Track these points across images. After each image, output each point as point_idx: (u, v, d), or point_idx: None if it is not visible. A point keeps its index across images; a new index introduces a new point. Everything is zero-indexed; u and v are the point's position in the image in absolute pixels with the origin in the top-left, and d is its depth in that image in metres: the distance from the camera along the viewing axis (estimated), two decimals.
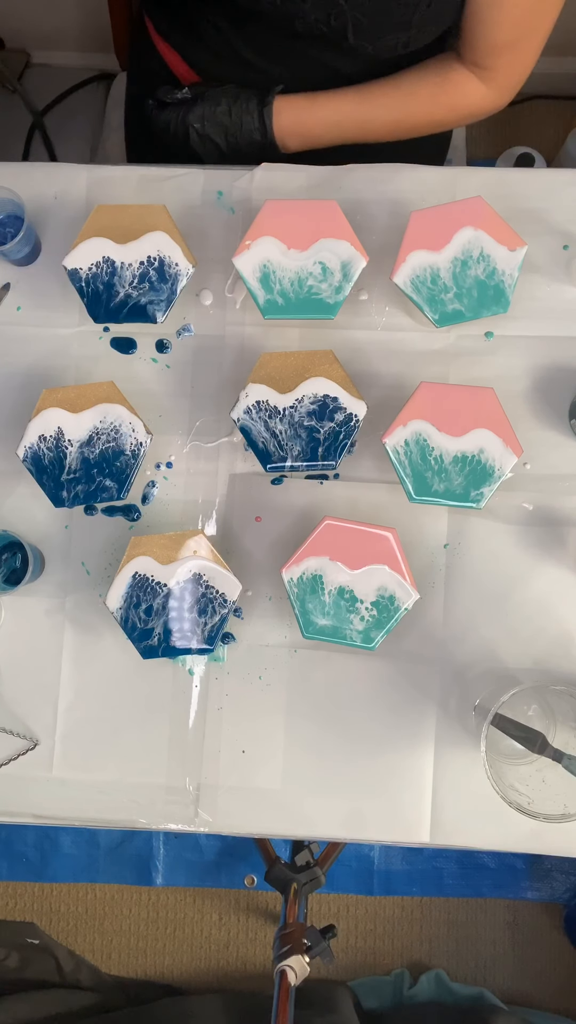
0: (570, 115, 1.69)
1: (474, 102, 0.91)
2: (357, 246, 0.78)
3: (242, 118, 0.91)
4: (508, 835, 0.81)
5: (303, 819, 0.82)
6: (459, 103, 0.91)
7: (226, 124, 0.92)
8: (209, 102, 0.93)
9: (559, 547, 0.83)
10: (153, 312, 0.79)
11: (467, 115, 0.92)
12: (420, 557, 0.83)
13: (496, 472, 0.76)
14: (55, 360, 0.87)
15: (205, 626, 0.78)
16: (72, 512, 0.86)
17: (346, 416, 0.78)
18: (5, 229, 0.84)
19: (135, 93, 1.13)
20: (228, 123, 0.92)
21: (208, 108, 0.92)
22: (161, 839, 1.60)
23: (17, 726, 0.84)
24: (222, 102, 0.93)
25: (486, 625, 0.83)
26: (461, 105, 0.91)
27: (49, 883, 1.62)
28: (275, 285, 0.78)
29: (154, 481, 0.86)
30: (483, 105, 0.91)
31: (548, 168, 1.44)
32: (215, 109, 0.92)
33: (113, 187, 0.89)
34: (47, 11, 1.46)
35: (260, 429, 0.78)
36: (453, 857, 1.59)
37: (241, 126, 0.92)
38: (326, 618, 0.76)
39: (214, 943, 1.61)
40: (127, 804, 0.83)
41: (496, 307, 0.78)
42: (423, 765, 0.82)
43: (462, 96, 0.90)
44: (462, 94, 0.90)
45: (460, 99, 0.90)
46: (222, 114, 0.92)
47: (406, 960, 1.59)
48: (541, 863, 1.60)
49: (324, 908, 1.60)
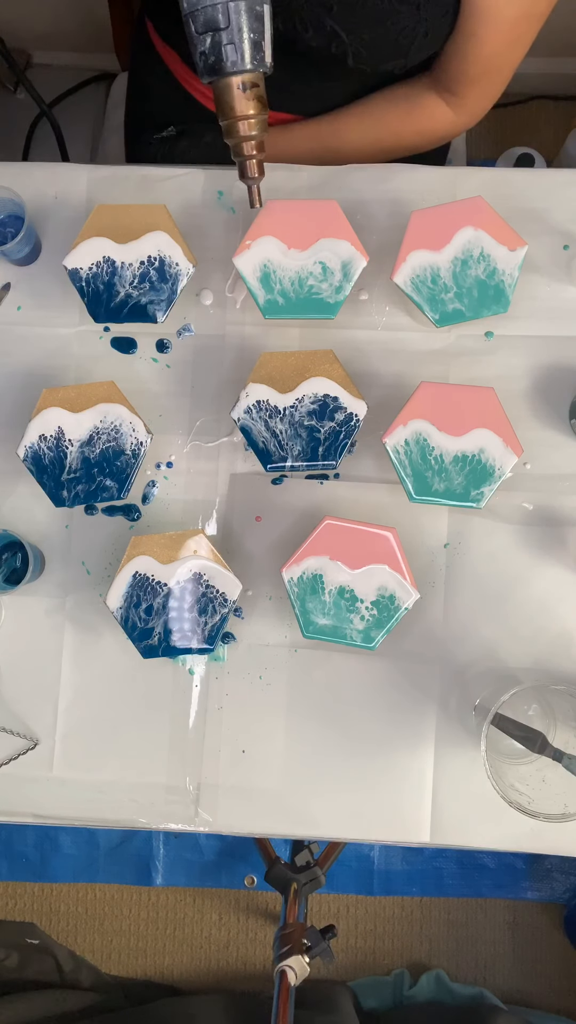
0: (570, 115, 1.69)
1: (441, 126, 0.94)
2: (357, 246, 0.78)
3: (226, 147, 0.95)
4: (508, 835, 0.81)
5: (303, 819, 0.82)
6: (427, 127, 0.94)
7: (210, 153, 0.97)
8: (194, 136, 0.99)
9: (559, 547, 0.83)
10: (153, 312, 0.79)
11: (435, 139, 0.96)
12: (420, 557, 0.83)
13: (496, 472, 0.76)
14: (55, 360, 0.87)
15: (205, 626, 0.78)
16: (72, 512, 0.86)
17: (346, 416, 0.78)
18: (5, 229, 0.84)
19: (135, 93, 1.13)
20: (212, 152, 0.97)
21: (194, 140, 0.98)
22: (161, 839, 1.61)
23: (17, 726, 0.84)
24: (207, 134, 0.98)
25: (486, 625, 0.83)
26: (428, 130, 0.94)
27: (49, 883, 1.62)
28: (275, 285, 0.78)
29: (154, 481, 0.86)
30: (450, 130, 0.95)
31: (548, 168, 1.44)
32: (200, 141, 0.98)
33: (113, 187, 0.89)
34: (47, 11, 1.46)
35: (260, 429, 0.78)
36: (453, 857, 1.59)
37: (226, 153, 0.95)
38: (326, 618, 0.76)
39: (214, 943, 1.61)
40: (127, 804, 0.83)
41: (496, 307, 0.78)
42: (423, 765, 0.82)
43: (429, 120, 0.93)
44: (429, 118, 0.93)
45: (428, 123, 0.93)
46: (206, 145, 0.98)
47: (406, 960, 1.59)
48: (541, 863, 1.60)
49: (324, 908, 1.60)
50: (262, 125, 0.69)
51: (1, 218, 0.85)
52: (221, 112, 0.69)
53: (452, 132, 0.95)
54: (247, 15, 0.64)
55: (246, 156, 0.70)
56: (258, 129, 0.69)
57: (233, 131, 0.69)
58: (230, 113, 0.68)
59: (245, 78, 0.67)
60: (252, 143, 0.70)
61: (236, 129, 0.69)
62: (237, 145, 0.70)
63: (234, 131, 0.69)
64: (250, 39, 0.65)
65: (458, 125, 0.94)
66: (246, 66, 0.66)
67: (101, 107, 1.48)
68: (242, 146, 0.70)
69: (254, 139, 0.70)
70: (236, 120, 0.68)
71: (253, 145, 0.70)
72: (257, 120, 0.69)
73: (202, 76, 0.68)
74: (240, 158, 0.71)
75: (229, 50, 0.65)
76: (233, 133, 0.69)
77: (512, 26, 0.80)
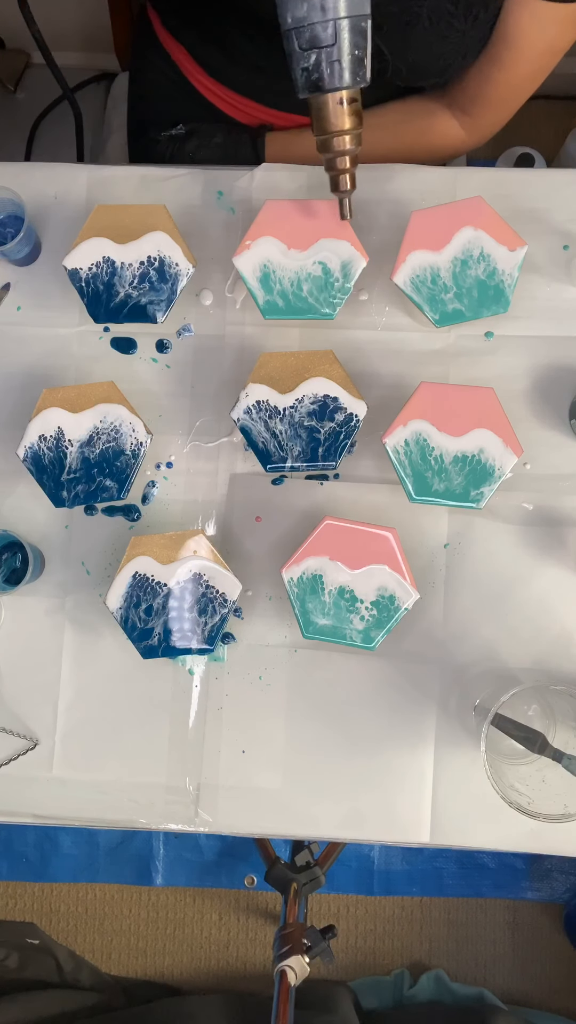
0: (570, 115, 1.69)
1: (452, 146, 0.96)
2: (357, 246, 0.78)
3: (237, 149, 0.97)
4: (508, 835, 0.81)
5: (303, 819, 0.82)
6: (438, 145, 0.95)
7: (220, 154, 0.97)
8: (204, 135, 0.99)
9: (559, 547, 0.83)
10: (153, 312, 0.79)
11: (444, 157, 0.97)
12: (420, 557, 0.83)
13: (496, 472, 0.76)
14: (55, 360, 0.87)
15: (205, 626, 0.78)
16: (72, 512, 0.86)
17: (346, 416, 0.78)
18: (5, 229, 0.84)
19: (137, 92, 1.13)
20: (222, 154, 0.97)
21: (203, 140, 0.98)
22: (161, 839, 1.61)
23: (17, 726, 0.84)
24: (217, 135, 0.98)
25: (486, 625, 0.83)
26: (439, 147, 0.96)
27: (49, 883, 1.62)
28: (275, 285, 0.78)
29: (154, 481, 0.86)
30: (459, 149, 0.97)
31: (548, 168, 1.44)
32: (210, 141, 0.98)
33: (113, 187, 0.89)
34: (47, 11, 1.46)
35: (260, 429, 0.78)
36: (453, 857, 1.59)
37: (236, 155, 0.98)
38: (326, 618, 0.76)
39: (214, 943, 1.61)
40: (127, 804, 0.83)
41: (496, 307, 0.78)
42: (423, 765, 0.82)
43: (442, 138, 0.95)
44: (443, 136, 0.94)
45: (440, 141, 0.95)
46: (217, 146, 0.98)
47: (406, 960, 1.59)
48: (541, 863, 1.60)
49: (324, 908, 1.60)
50: (357, 139, 0.69)
51: (1, 218, 0.85)
52: (318, 127, 0.68)
53: (460, 151, 0.97)
54: (351, 32, 0.63)
55: (339, 170, 0.70)
56: (353, 144, 0.68)
57: (329, 146, 0.68)
58: (328, 128, 0.67)
59: (344, 94, 0.66)
60: (347, 157, 0.69)
61: (332, 144, 0.68)
62: (332, 160, 0.69)
63: (330, 146, 0.68)
64: (354, 55, 0.64)
65: (467, 145, 0.96)
66: (348, 83, 0.65)
67: (101, 107, 1.48)
68: (336, 160, 0.69)
69: (348, 153, 0.69)
70: (333, 135, 0.67)
71: (348, 160, 0.69)
72: (353, 135, 0.68)
73: (300, 91, 0.66)
74: (334, 172, 0.70)
75: (335, 67, 0.64)
76: (329, 148, 0.68)
77: (537, 57, 0.83)
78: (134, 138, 1.16)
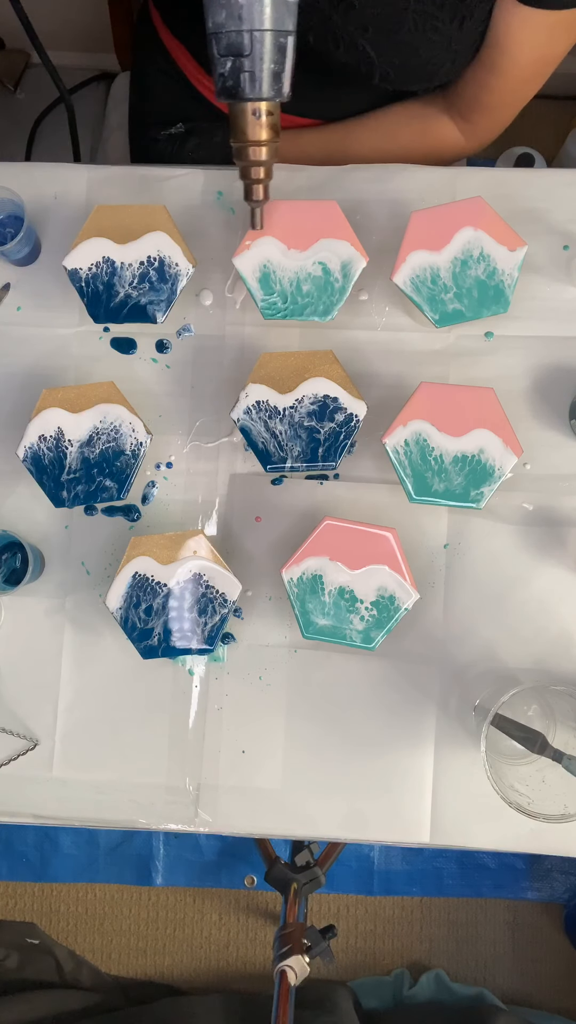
0: (570, 115, 1.69)
1: (450, 150, 0.96)
2: (357, 246, 0.78)
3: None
4: (508, 835, 0.81)
5: (303, 819, 0.82)
6: (435, 148, 0.95)
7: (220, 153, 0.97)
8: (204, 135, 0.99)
9: (559, 547, 0.83)
10: (153, 312, 0.79)
11: (441, 161, 0.97)
12: (420, 557, 0.83)
13: (496, 472, 0.76)
14: (55, 360, 0.87)
15: (205, 626, 0.78)
16: (72, 512, 0.86)
17: (346, 416, 0.78)
18: (5, 229, 0.84)
19: (139, 89, 1.13)
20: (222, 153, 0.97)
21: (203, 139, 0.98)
22: (161, 839, 1.61)
23: (17, 726, 0.84)
24: (217, 134, 0.98)
25: (486, 625, 0.83)
26: (437, 151, 0.96)
27: (49, 883, 1.62)
28: (275, 285, 0.78)
29: (154, 481, 0.86)
30: (457, 154, 0.97)
31: (548, 168, 1.44)
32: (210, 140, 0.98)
33: (113, 187, 0.89)
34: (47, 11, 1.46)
35: (260, 429, 0.78)
36: (453, 857, 1.60)
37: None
38: (326, 618, 0.76)
39: (214, 943, 1.61)
40: (127, 804, 0.83)
41: (496, 307, 0.78)
42: (423, 765, 0.82)
43: (440, 142, 0.95)
44: (440, 140, 0.95)
45: (437, 145, 0.95)
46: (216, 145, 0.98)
47: (406, 960, 1.59)
48: (541, 863, 1.60)
49: (324, 908, 1.60)
50: (272, 151, 0.69)
51: (1, 218, 0.85)
52: (233, 134, 0.69)
53: (458, 156, 0.97)
54: (271, 46, 0.63)
55: (253, 180, 0.70)
56: (268, 155, 0.69)
57: (243, 154, 0.69)
58: (242, 137, 0.68)
59: (261, 105, 0.66)
60: (261, 168, 0.69)
61: (247, 153, 0.68)
62: (246, 168, 0.70)
63: (244, 155, 0.69)
64: (270, 69, 0.64)
65: (466, 150, 0.96)
66: (263, 95, 0.65)
67: (101, 107, 1.48)
68: (250, 170, 0.70)
69: (263, 165, 0.69)
70: (247, 145, 0.68)
71: (262, 171, 0.70)
72: (268, 147, 0.68)
73: (219, 96, 0.67)
74: (247, 180, 0.71)
75: (247, 77, 0.64)
76: (243, 156, 0.69)
77: (531, 64, 0.83)
78: (134, 137, 1.16)
